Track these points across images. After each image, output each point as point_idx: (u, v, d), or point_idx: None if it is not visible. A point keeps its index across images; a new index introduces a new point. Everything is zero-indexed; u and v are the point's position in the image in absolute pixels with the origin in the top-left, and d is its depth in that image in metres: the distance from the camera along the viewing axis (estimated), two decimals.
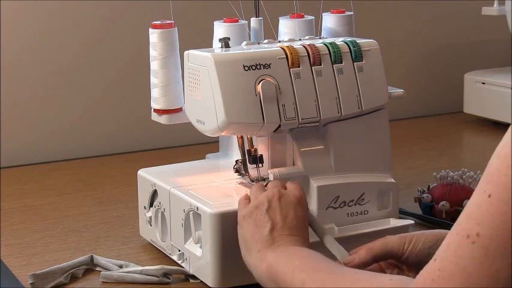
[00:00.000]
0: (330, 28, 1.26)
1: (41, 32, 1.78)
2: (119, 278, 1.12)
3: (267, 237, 0.97)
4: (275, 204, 0.99)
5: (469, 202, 0.72)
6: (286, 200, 1.00)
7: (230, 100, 1.07)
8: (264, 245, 0.96)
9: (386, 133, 1.19)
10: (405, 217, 1.22)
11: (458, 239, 0.71)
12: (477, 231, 0.69)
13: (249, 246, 0.98)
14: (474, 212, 0.70)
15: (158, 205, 1.20)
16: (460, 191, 1.33)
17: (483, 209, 0.69)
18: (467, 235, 0.70)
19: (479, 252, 0.69)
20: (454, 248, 0.71)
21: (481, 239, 0.69)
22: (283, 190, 1.02)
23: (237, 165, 1.18)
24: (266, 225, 0.97)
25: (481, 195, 0.70)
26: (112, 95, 1.86)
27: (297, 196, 1.01)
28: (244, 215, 1.00)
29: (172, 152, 1.82)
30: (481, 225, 0.69)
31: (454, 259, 0.70)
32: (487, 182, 0.70)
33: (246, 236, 0.99)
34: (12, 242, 1.29)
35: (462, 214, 0.72)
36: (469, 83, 2.05)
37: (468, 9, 2.20)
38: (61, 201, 1.50)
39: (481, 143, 1.89)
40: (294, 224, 0.98)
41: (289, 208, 0.99)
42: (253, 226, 0.98)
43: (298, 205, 1.00)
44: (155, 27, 1.20)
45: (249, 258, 0.98)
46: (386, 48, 1.23)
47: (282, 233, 0.97)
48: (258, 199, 1.01)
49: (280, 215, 0.98)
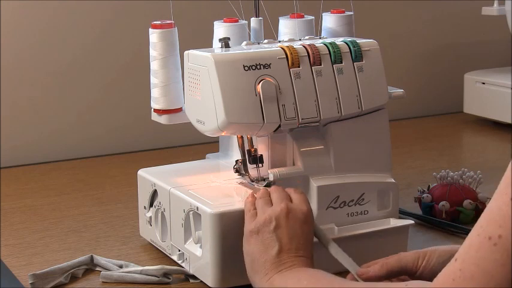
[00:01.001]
0: (330, 28, 1.26)
1: (41, 32, 1.78)
2: (119, 278, 1.12)
3: (275, 259, 0.96)
4: (283, 223, 0.99)
5: (490, 204, 0.72)
6: (293, 217, 0.99)
7: (230, 100, 1.07)
8: (271, 267, 0.96)
9: (386, 133, 1.19)
10: (405, 217, 1.22)
11: (480, 240, 0.71)
12: (499, 233, 0.69)
13: (256, 268, 0.98)
14: (496, 215, 0.70)
15: (158, 205, 1.20)
16: (460, 191, 1.32)
17: (505, 212, 0.69)
18: (489, 237, 0.70)
19: (502, 255, 0.69)
20: (476, 249, 0.71)
21: (503, 241, 0.69)
22: (290, 204, 1.01)
23: (237, 165, 1.18)
24: (274, 247, 0.97)
25: (502, 197, 0.70)
26: (112, 95, 1.86)
27: (303, 212, 1.01)
28: (251, 230, 1.00)
29: (172, 152, 1.82)
30: (503, 228, 0.69)
31: (475, 260, 0.71)
32: (508, 185, 0.70)
33: (254, 255, 0.99)
34: (12, 242, 1.29)
35: (483, 216, 0.72)
36: (469, 83, 2.05)
37: (468, 9, 2.20)
38: (61, 201, 1.50)
39: (481, 143, 1.89)
40: (301, 243, 0.98)
41: (296, 227, 0.99)
42: (261, 245, 0.98)
43: (304, 223, 1.00)
44: (155, 27, 1.20)
45: (255, 278, 0.98)
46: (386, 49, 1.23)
47: (290, 254, 0.97)
48: (265, 214, 1.00)
49: (288, 235, 0.98)
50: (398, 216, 1.19)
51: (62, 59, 1.80)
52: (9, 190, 1.57)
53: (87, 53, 1.82)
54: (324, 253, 1.02)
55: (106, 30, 1.83)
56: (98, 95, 1.85)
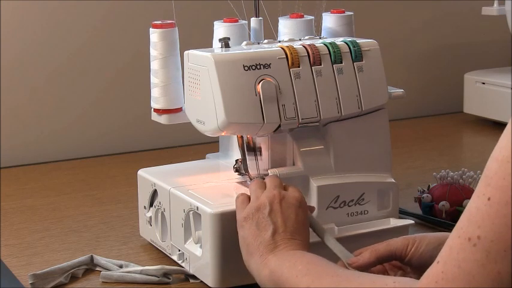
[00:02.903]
0: (330, 28, 1.26)
1: (41, 32, 1.78)
2: (119, 278, 1.12)
3: (270, 241, 0.96)
4: (277, 207, 0.99)
5: (469, 205, 0.72)
6: (287, 202, 1.00)
7: (230, 100, 1.07)
8: (266, 249, 0.96)
9: (386, 133, 1.19)
10: (405, 217, 1.22)
11: (460, 242, 0.71)
12: (478, 234, 0.70)
13: (251, 251, 0.98)
14: (474, 215, 0.71)
15: (158, 205, 1.20)
16: (460, 191, 1.32)
17: (483, 212, 0.70)
18: (469, 238, 0.70)
19: (481, 255, 0.69)
20: (456, 251, 0.71)
21: (482, 242, 0.69)
22: (284, 191, 1.02)
23: (237, 165, 1.18)
24: (268, 229, 0.97)
25: (480, 198, 0.70)
26: (112, 94, 1.86)
27: (297, 198, 1.01)
28: (245, 216, 1.00)
29: (172, 152, 1.82)
30: (481, 228, 0.69)
31: (456, 262, 0.71)
32: (486, 185, 0.70)
33: (248, 239, 0.99)
34: (12, 242, 1.29)
35: (462, 217, 0.73)
36: (469, 83, 2.05)
37: (468, 9, 2.20)
38: (61, 201, 1.50)
39: (481, 143, 1.89)
40: (296, 227, 0.98)
41: (290, 211, 0.99)
42: (255, 229, 0.98)
43: (299, 208, 1.00)
44: (156, 26, 1.20)
45: (251, 262, 0.98)
46: (386, 48, 1.23)
47: (284, 236, 0.97)
48: (259, 200, 1.01)
49: (282, 218, 0.98)
50: (398, 216, 1.19)
51: (62, 59, 1.80)
52: (9, 190, 1.57)
53: (87, 53, 1.82)
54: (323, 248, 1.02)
55: (106, 30, 1.83)
56: (98, 95, 1.85)
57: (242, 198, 1.04)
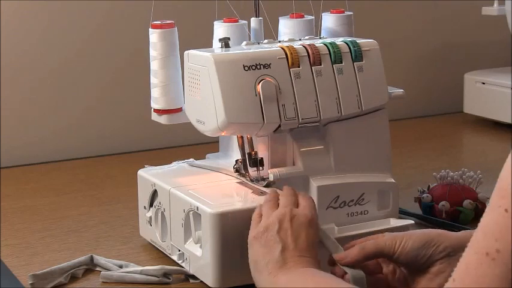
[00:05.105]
0: (330, 28, 1.26)
1: (41, 32, 1.78)
2: (119, 278, 1.12)
3: (278, 258, 0.95)
4: (286, 226, 0.98)
5: (483, 219, 0.70)
6: (297, 221, 0.99)
7: (230, 100, 1.07)
8: (275, 266, 0.95)
9: (386, 133, 1.19)
10: (405, 217, 1.22)
11: (478, 257, 0.69)
12: (496, 247, 0.67)
13: (259, 268, 0.97)
14: (491, 229, 0.68)
15: (158, 205, 1.20)
16: (460, 191, 1.32)
17: (501, 224, 0.68)
18: (487, 253, 0.68)
19: (501, 269, 0.67)
20: (474, 267, 0.69)
21: (502, 255, 0.67)
22: (295, 210, 1.00)
23: (237, 165, 1.18)
24: (277, 247, 0.96)
25: (496, 210, 0.68)
26: (112, 94, 1.86)
27: (308, 217, 1.00)
28: (255, 235, 0.99)
29: (172, 152, 1.82)
30: (500, 241, 0.67)
31: (475, 278, 0.69)
32: (501, 197, 0.68)
33: (256, 257, 0.98)
34: (12, 242, 1.29)
35: (478, 232, 0.70)
36: (469, 83, 2.05)
37: (468, 9, 2.20)
38: (61, 201, 1.50)
39: (481, 143, 1.89)
40: (305, 246, 0.97)
41: (300, 230, 0.98)
42: (264, 247, 0.97)
43: (309, 227, 0.99)
44: (155, 27, 1.20)
45: (259, 279, 0.97)
46: (386, 48, 1.23)
47: (294, 254, 0.95)
48: (269, 219, 1.00)
49: (292, 236, 0.97)
50: (398, 216, 1.19)
51: (61, 59, 1.80)
52: (9, 190, 1.57)
53: (87, 53, 1.82)
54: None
55: (106, 30, 1.83)
56: (97, 94, 1.85)
57: (257, 220, 1.02)
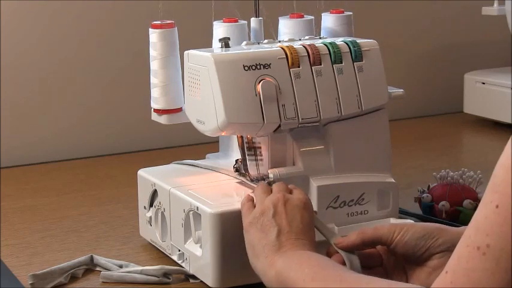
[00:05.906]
0: (330, 28, 1.26)
1: (41, 32, 1.78)
2: (119, 278, 1.12)
3: (274, 242, 0.96)
4: (281, 209, 0.99)
5: (476, 213, 0.71)
6: (291, 204, 1.00)
7: (230, 100, 1.07)
8: (272, 250, 0.96)
9: (386, 133, 1.19)
10: (405, 217, 1.22)
11: (469, 251, 0.70)
12: (487, 242, 0.69)
13: (256, 252, 0.98)
14: (483, 224, 0.70)
15: (158, 205, 1.20)
16: (460, 191, 1.32)
17: (491, 219, 0.69)
18: (478, 247, 0.69)
19: (491, 264, 0.68)
20: (465, 260, 0.70)
21: (492, 250, 0.68)
22: (288, 194, 1.01)
23: (237, 165, 1.18)
24: (273, 231, 0.97)
25: (488, 206, 0.69)
26: (112, 95, 1.86)
27: (302, 199, 1.01)
28: (250, 221, 1.00)
29: (172, 152, 1.82)
30: (490, 236, 0.68)
31: (465, 271, 0.70)
32: (493, 192, 0.69)
33: (253, 242, 0.98)
34: (12, 242, 1.29)
35: (470, 226, 0.72)
36: (469, 83, 2.05)
37: (468, 9, 2.20)
38: (61, 201, 1.50)
39: (481, 143, 1.89)
40: (301, 228, 0.98)
41: (295, 212, 0.99)
42: (260, 232, 0.98)
43: (304, 209, 1.00)
44: (155, 27, 1.20)
45: (257, 264, 0.98)
46: (386, 48, 1.23)
47: (289, 237, 0.96)
48: (263, 204, 1.00)
49: (286, 219, 0.98)
50: (398, 216, 1.19)
51: (61, 59, 1.80)
52: (9, 190, 1.57)
53: (87, 53, 1.82)
54: None
55: (106, 30, 1.83)
56: (97, 95, 1.85)
57: (248, 204, 1.03)
